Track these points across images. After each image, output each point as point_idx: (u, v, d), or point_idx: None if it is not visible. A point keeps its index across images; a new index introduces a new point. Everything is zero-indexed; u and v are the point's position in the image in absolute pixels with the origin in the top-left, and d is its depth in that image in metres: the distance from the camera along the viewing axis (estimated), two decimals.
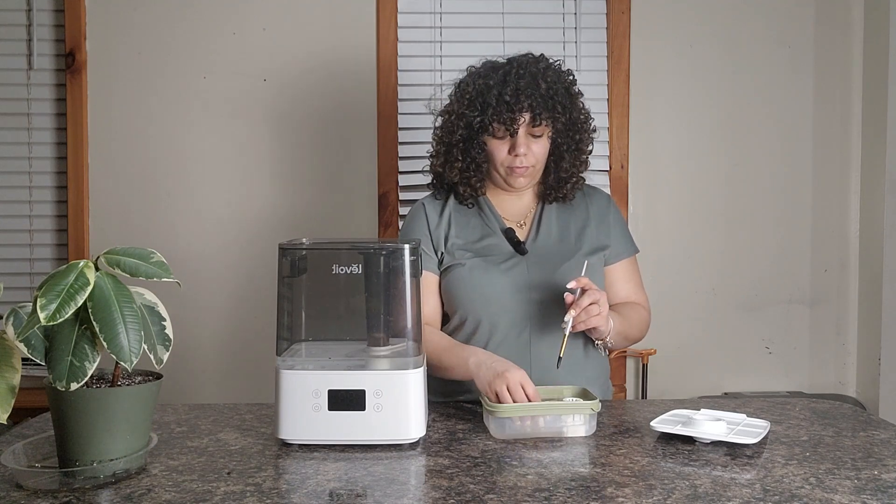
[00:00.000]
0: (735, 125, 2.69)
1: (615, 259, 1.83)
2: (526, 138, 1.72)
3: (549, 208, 1.83)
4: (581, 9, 2.64)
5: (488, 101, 1.71)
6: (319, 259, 1.45)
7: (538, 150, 1.74)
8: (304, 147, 2.65)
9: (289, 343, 1.41)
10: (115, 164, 2.63)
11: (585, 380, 1.72)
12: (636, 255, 1.89)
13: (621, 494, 1.10)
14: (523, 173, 1.74)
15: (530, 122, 1.70)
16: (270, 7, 2.63)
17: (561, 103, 1.72)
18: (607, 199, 1.89)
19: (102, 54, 2.62)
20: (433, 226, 1.81)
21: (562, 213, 1.83)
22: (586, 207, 1.85)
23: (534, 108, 1.69)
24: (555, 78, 1.73)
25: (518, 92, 1.68)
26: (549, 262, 1.75)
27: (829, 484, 1.14)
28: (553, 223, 1.81)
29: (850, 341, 2.73)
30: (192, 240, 2.64)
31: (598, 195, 1.89)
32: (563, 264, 1.74)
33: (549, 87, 1.71)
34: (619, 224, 1.86)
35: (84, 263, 1.11)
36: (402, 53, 2.63)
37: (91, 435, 1.14)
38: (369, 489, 1.13)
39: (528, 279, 1.73)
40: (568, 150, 1.77)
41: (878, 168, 2.60)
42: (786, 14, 2.68)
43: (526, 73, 1.71)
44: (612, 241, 1.83)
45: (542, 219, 1.82)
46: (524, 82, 1.69)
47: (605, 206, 1.86)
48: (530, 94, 1.68)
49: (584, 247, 1.78)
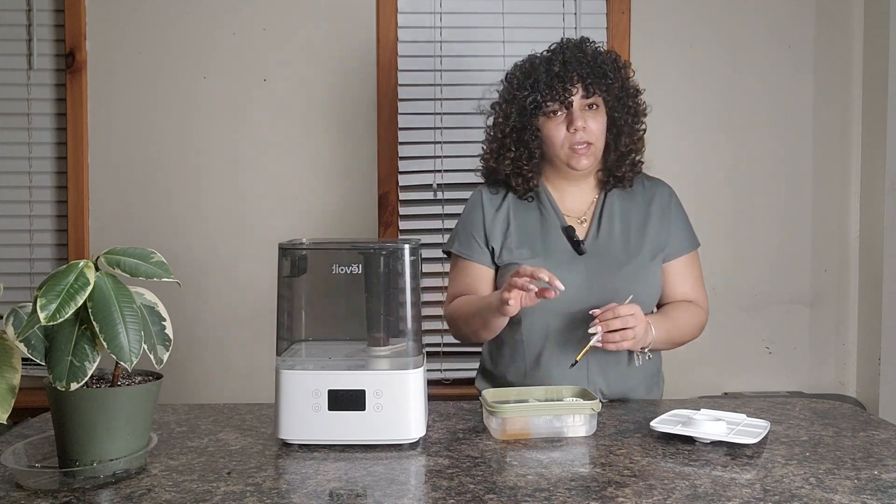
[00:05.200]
0: (735, 125, 2.69)
1: (675, 255, 1.78)
2: (582, 111, 1.69)
3: (611, 200, 1.78)
4: (581, 9, 2.64)
5: (538, 77, 1.69)
6: (319, 259, 1.45)
7: (595, 127, 1.70)
8: (304, 147, 2.65)
9: (289, 343, 1.41)
10: (115, 164, 2.63)
11: (629, 388, 1.72)
12: (698, 249, 1.83)
13: (621, 494, 1.10)
14: (585, 152, 1.69)
15: (583, 94, 1.68)
16: (270, 7, 2.63)
17: (611, 71, 1.71)
18: (669, 191, 1.83)
19: (102, 54, 2.62)
20: (489, 218, 1.78)
21: (624, 204, 1.78)
22: (648, 201, 1.79)
23: (584, 78, 1.67)
24: (599, 53, 1.73)
25: (566, 63, 1.68)
26: (607, 265, 1.71)
27: (829, 484, 1.14)
28: (615, 218, 1.76)
29: (850, 341, 2.73)
30: (192, 240, 2.64)
31: (661, 187, 1.84)
32: (622, 269, 1.70)
33: (596, 57, 1.71)
34: (680, 218, 1.81)
35: (84, 263, 1.11)
36: (402, 53, 2.63)
37: (91, 435, 1.14)
38: (369, 489, 1.13)
39: (586, 281, 1.68)
40: (626, 123, 1.74)
41: (878, 168, 2.60)
42: (786, 14, 2.68)
43: (571, 46, 1.72)
44: (673, 236, 1.78)
45: (603, 212, 1.77)
46: (570, 53, 1.70)
47: (668, 199, 1.81)
48: (579, 63, 1.68)
49: (644, 248, 1.73)
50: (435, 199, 2.64)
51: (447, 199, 2.64)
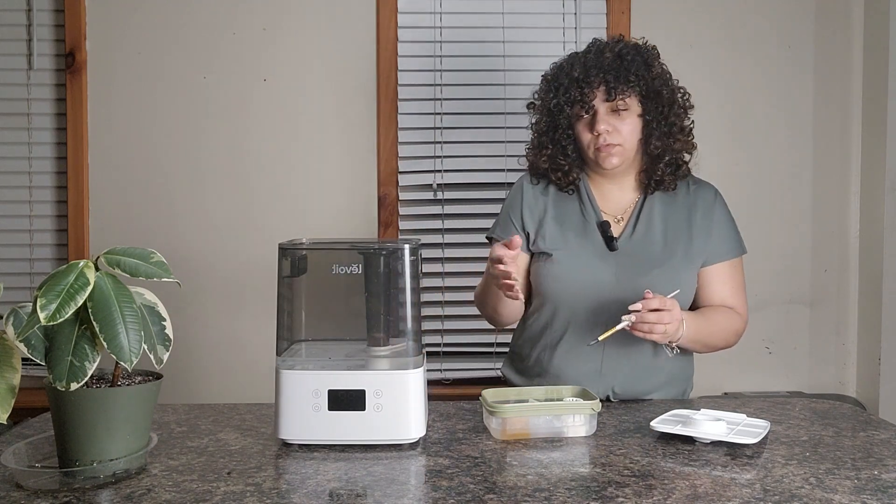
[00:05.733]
0: (735, 125, 2.69)
1: (715, 260, 1.74)
2: (608, 115, 1.68)
3: (651, 202, 1.76)
4: (581, 9, 2.64)
5: (561, 81, 1.71)
6: (319, 259, 1.45)
7: (625, 129, 1.68)
8: (304, 147, 2.64)
9: (289, 343, 1.41)
10: (115, 164, 2.63)
11: (645, 389, 1.71)
12: (742, 256, 1.79)
13: (621, 494, 1.10)
14: (610, 151, 1.68)
15: (605, 97, 1.67)
16: (270, 7, 2.63)
17: (635, 72, 1.67)
18: (713, 195, 1.79)
19: (102, 54, 2.62)
20: (528, 204, 1.78)
21: (665, 208, 1.75)
22: (691, 205, 1.76)
23: (608, 82, 1.65)
24: (628, 50, 1.70)
25: (587, 67, 1.68)
26: (639, 264, 1.69)
27: (829, 484, 1.14)
28: (654, 220, 1.74)
29: (850, 341, 2.73)
30: (192, 240, 2.64)
31: (705, 190, 1.80)
32: (654, 270, 1.68)
33: (619, 56, 1.68)
34: (723, 223, 1.77)
35: (84, 263, 1.11)
36: (402, 53, 2.63)
37: (91, 435, 1.14)
38: (369, 489, 1.13)
39: (615, 277, 1.68)
40: (657, 124, 1.70)
41: (878, 168, 2.60)
42: (786, 14, 2.68)
43: (595, 48, 1.71)
44: (714, 241, 1.74)
45: (641, 213, 1.75)
46: (591, 56, 1.69)
47: (711, 204, 1.77)
48: (598, 67, 1.66)
49: (680, 253, 1.71)
50: (435, 199, 2.64)
51: (447, 199, 2.64)
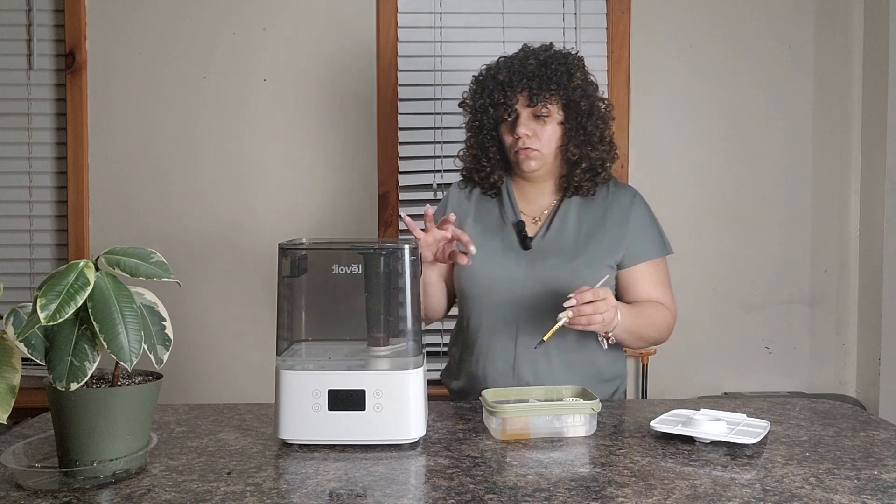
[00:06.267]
0: (735, 125, 2.69)
1: (635, 261, 1.77)
2: (529, 120, 1.74)
3: (568, 204, 1.80)
4: (581, 9, 2.64)
5: (486, 85, 1.77)
6: (319, 259, 1.45)
7: (545, 135, 1.74)
8: (304, 147, 2.65)
9: (289, 343, 1.41)
10: (115, 164, 2.63)
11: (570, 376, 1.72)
12: (667, 256, 1.82)
13: (621, 494, 1.10)
14: (528, 155, 1.74)
15: (528, 102, 1.72)
16: (270, 7, 2.63)
17: (556, 81, 1.72)
18: (631, 197, 1.82)
19: (102, 54, 2.62)
20: (452, 208, 1.85)
21: (581, 210, 1.80)
22: (607, 207, 1.80)
23: (531, 88, 1.71)
24: (553, 58, 1.75)
25: (511, 73, 1.73)
26: (550, 262, 1.74)
27: (829, 484, 1.14)
28: (568, 221, 1.79)
29: (850, 341, 2.73)
30: (192, 240, 2.64)
31: (623, 193, 1.82)
32: (564, 268, 1.73)
33: (544, 65, 1.73)
34: (641, 224, 1.79)
35: (84, 263, 1.11)
36: (402, 53, 2.63)
37: (91, 435, 1.14)
38: (369, 489, 1.13)
39: (525, 274, 1.74)
40: (574, 133, 1.75)
41: (878, 168, 2.60)
42: (786, 14, 2.68)
43: (521, 54, 1.77)
44: (632, 243, 1.77)
45: (556, 215, 1.80)
46: (517, 62, 1.74)
47: (628, 206, 1.80)
48: (522, 73, 1.72)
49: (590, 251, 1.74)
50: (435, 199, 2.64)
51: None
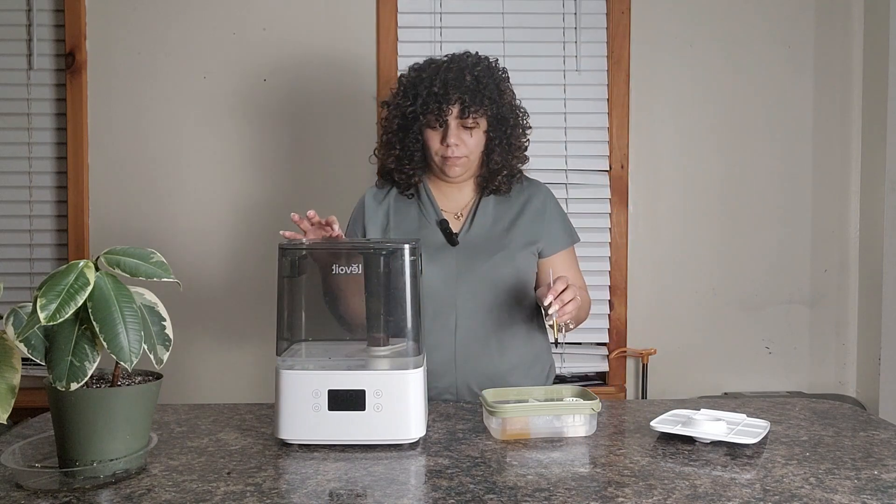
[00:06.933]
0: (735, 125, 2.69)
1: (553, 250, 1.87)
2: (458, 129, 1.79)
3: (487, 201, 1.88)
4: (581, 9, 2.64)
5: (419, 92, 1.80)
6: (319, 259, 1.45)
7: (471, 142, 1.80)
8: (304, 147, 2.65)
9: (289, 343, 1.41)
10: (115, 164, 2.63)
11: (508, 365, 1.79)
12: (574, 244, 1.93)
13: (621, 494, 1.10)
14: (455, 163, 1.80)
15: (459, 114, 1.77)
16: (270, 7, 2.63)
17: (489, 97, 1.78)
18: (546, 194, 1.92)
19: (102, 54, 2.62)
20: (369, 214, 1.89)
21: (498, 205, 1.88)
22: (524, 201, 1.89)
23: (463, 101, 1.76)
24: (484, 73, 1.81)
25: (446, 84, 1.77)
26: (478, 254, 1.80)
27: (829, 484, 1.14)
28: (488, 215, 1.86)
29: (850, 341, 2.73)
30: (191, 240, 2.64)
31: (537, 189, 1.93)
32: (493, 257, 1.80)
33: (477, 80, 1.78)
34: (556, 217, 1.90)
35: (84, 263, 1.11)
36: (402, 53, 2.63)
37: (91, 435, 1.14)
38: (369, 489, 1.13)
39: (456, 269, 1.79)
40: (499, 143, 1.83)
41: (878, 168, 2.60)
42: (786, 14, 2.68)
43: (455, 66, 1.80)
44: (548, 233, 1.87)
45: (477, 211, 1.86)
46: (452, 75, 1.78)
47: (543, 201, 1.90)
48: (457, 87, 1.76)
49: (514, 240, 1.83)
50: None
51: None
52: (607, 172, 2.65)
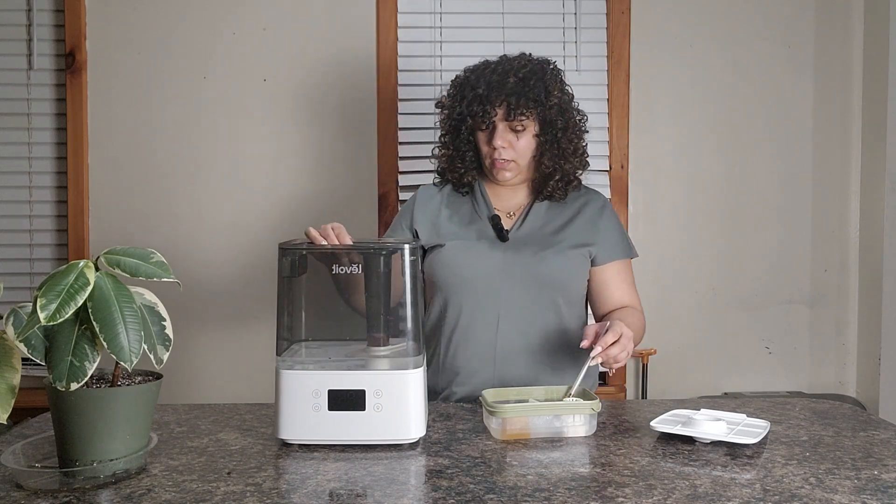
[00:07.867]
0: (735, 125, 2.69)
1: (606, 259, 1.83)
2: (505, 132, 1.77)
3: (540, 205, 1.86)
4: (581, 9, 2.64)
5: (465, 94, 1.79)
6: (319, 259, 1.45)
7: (521, 146, 1.78)
8: (304, 147, 2.65)
9: (289, 343, 1.41)
10: (115, 164, 2.63)
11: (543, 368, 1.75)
12: (632, 260, 1.89)
13: (621, 494, 1.10)
14: (504, 167, 1.79)
15: (505, 117, 1.75)
16: (270, 7, 2.63)
17: (534, 99, 1.75)
18: (603, 202, 1.89)
19: (102, 54, 2.62)
20: (419, 207, 1.88)
21: (551, 209, 1.86)
22: (579, 207, 1.86)
23: (509, 104, 1.74)
24: (531, 74, 1.77)
25: (490, 86, 1.75)
26: (528, 252, 1.78)
27: (829, 484, 1.14)
28: (540, 217, 1.84)
29: (850, 341, 2.73)
30: (192, 240, 2.64)
31: (595, 197, 1.90)
32: (541, 252, 1.77)
33: (522, 81, 1.75)
34: (612, 226, 1.86)
35: (84, 263, 1.11)
36: (402, 53, 2.63)
37: (91, 435, 1.14)
38: (369, 489, 1.13)
39: (503, 264, 1.77)
40: (549, 147, 1.80)
41: (878, 168, 2.60)
42: (786, 14, 2.68)
43: (501, 68, 1.78)
44: (602, 241, 1.82)
45: (530, 212, 1.85)
46: (497, 77, 1.76)
47: (600, 208, 1.87)
48: (500, 89, 1.74)
49: (565, 240, 1.79)
50: None
51: None
52: (607, 172, 2.65)
